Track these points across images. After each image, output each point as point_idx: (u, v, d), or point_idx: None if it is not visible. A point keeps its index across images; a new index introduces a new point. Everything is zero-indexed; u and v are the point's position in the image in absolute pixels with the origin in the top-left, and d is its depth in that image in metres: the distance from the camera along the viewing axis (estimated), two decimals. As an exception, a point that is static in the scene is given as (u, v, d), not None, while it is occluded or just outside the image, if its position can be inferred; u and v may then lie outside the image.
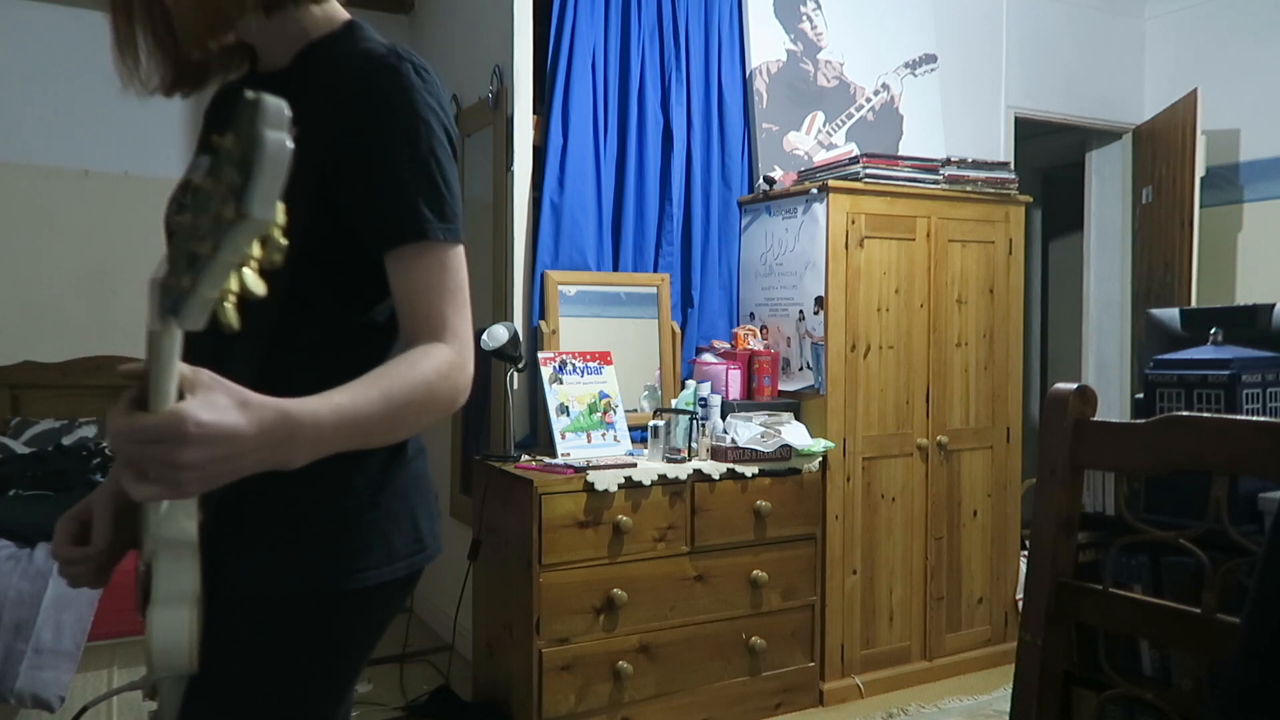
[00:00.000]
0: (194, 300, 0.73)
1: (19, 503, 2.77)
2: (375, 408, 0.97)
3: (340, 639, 1.13)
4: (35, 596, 2.46)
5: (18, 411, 3.55)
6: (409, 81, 1.06)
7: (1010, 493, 3.66)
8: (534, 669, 2.73)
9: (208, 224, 0.70)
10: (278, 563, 1.08)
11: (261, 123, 0.67)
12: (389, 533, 1.13)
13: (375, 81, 1.06)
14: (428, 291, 1.06)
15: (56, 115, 3.73)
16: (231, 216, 0.69)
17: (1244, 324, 1.85)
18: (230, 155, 0.69)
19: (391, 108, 1.05)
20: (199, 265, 0.72)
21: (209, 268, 0.71)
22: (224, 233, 0.70)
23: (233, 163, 0.69)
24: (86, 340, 3.74)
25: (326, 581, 1.09)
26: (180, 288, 0.73)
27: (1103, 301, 4.73)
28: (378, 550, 1.12)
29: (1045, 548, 1.35)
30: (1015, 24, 4.31)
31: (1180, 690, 1.37)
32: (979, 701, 3.26)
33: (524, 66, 3.25)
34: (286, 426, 0.88)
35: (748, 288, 3.56)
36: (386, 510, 1.13)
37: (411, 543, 1.16)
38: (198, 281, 0.72)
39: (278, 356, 1.07)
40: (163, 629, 0.97)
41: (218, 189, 0.70)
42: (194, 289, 0.72)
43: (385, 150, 1.05)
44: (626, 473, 2.83)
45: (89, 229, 3.78)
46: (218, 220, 0.70)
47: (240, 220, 0.69)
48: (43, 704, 2.44)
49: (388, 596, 1.15)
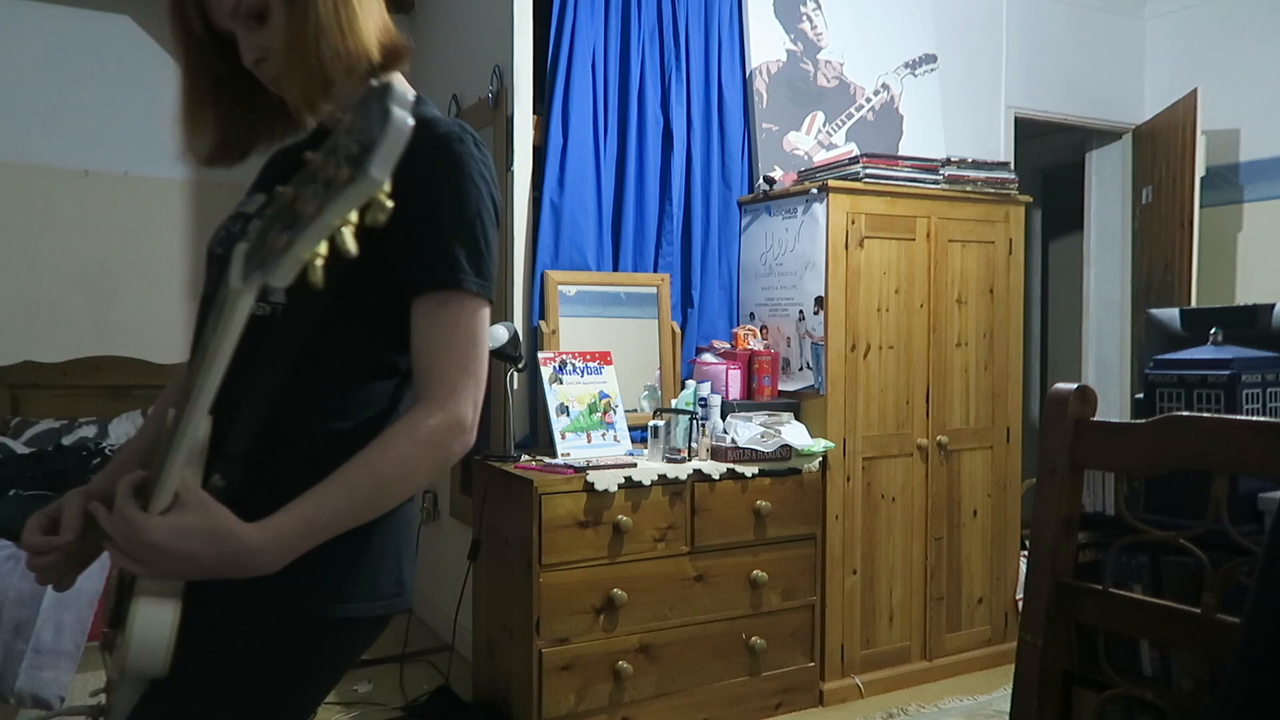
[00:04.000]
0: (288, 257, 0.75)
1: (19, 503, 2.77)
2: (340, 505, 1.04)
3: (310, 666, 1.16)
4: (35, 596, 2.46)
5: (18, 411, 3.55)
6: (469, 150, 1.14)
7: (1010, 493, 3.66)
8: (534, 669, 2.73)
9: (314, 190, 0.74)
10: (263, 582, 1.08)
11: (390, 100, 0.71)
12: (374, 571, 1.16)
13: (438, 146, 1.12)
14: (443, 345, 1.10)
15: (56, 115, 3.73)
16: (346, 178, 0.72)
17: (1244, 324, 1.84)
18: (351, 130, 0.73)
19: (448, 169, 1.12)
20: (299, 225, 0.74)
21: (310, 226, 0.74)
22: (335, 192, 0.73)
23: (352, 136, 0.73)
24: (86, 340, 3.75)
25: (309, 607, 1.11)
26: (273, 247, 0.76)
27: (1103, 301, 4.73)
28: (362, 585, 1.15)
29: (1045, 548, 1.35)
30: (1015, 24, 4.31)
31: (1180, 690, 1.37)
32: (979, 701, 3.26)
33: (524, 66, 3.25)
34: (246, 555, 0.99)
35: (748, 288, 3.56)
36: (376, 549, 1.16)
37: (393, 584, 1.19)
38: (295, 240, 0.75)
39: (300, 377, 1.11)
40: (145, 623, 0.98)
41: (330, 162, 0.74)
42: (290, 246, 0.75)
43: (437, 205, 1.11)
44: (626, 473, 2.83)
45: (89, 229, 3.79)
46: (329, 184, 0.73)
47: (355, 180, 0.72)
48: (42, 704, 2.44)
49: (360, 634, 1.18)
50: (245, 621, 1.10)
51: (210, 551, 0.98)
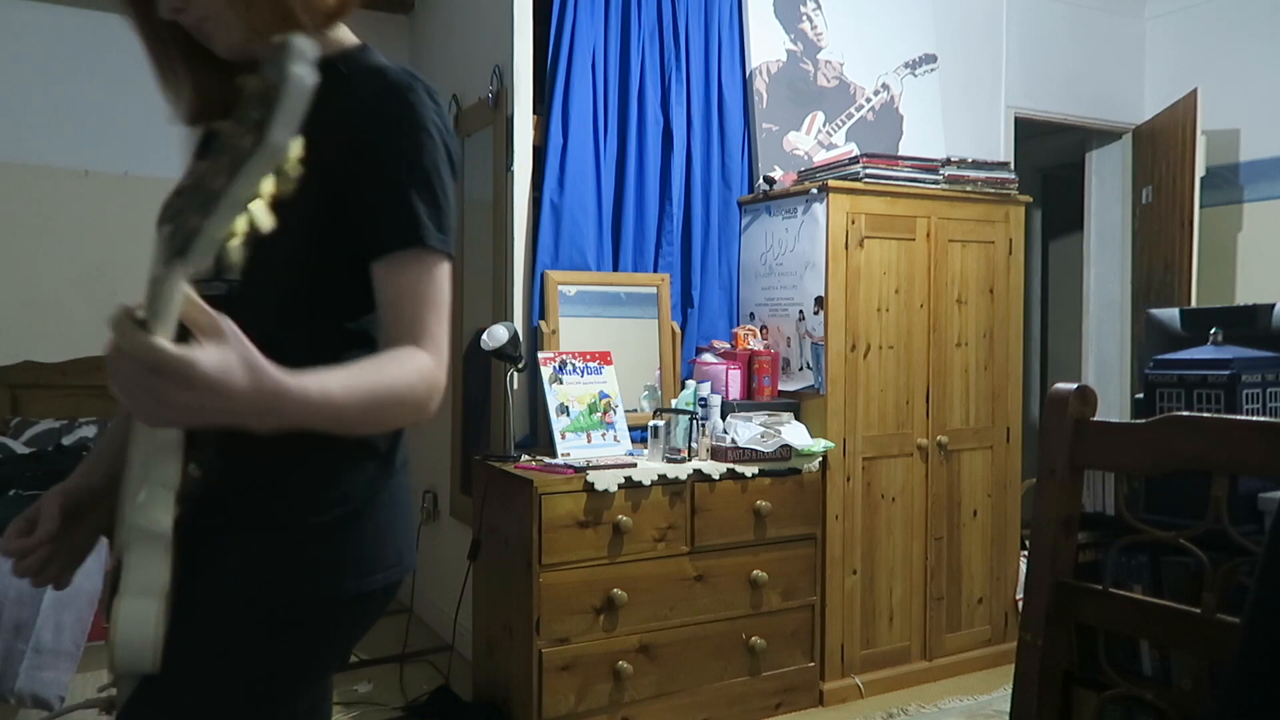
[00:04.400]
0: (202, 239, 0.72)
1: (19, 503, 2.77)
2: (358, 399, 0.99)
3: (314, 645, 1.14)
4: (35, 596, 2.46)
5: (18, 411, 3.55)
6: (419, 99, 1.10)
7: (1010, 493, 3.66)
8: (534, 669, 2.73)
9: (225, 163, 0.71)
10: (264, 565, 1.08)
11: (287, 59, 0.68)
12: (373, 544, 1.14)
13: (388, 96, 1.09)
14: (414, 299, 1.08)
15: (56, 115, 3.73)
16: (249, 147, 0.69)
17: (1244, 324, 1.85)
18: (255, 95, 0.70)
19: (401, 121, 1.09)
20: (210, 203, 0.71)
21: (221, 203, 0.71)
22: (240, 165, 0.70)
23: (256, 100, 0.69)
24: (86, 340, 3.74)
25: (310, 587, 1.10)
26: (189, 229, 0.73)
27: (1103, 301, 4.73)
28: (362, 560, 1.13)
29: (1045, 548, 1.35)
30: (1015, 24, 4.31)
31: (1180, 690, 1.37)
32: (979, 701, 3.26)
33: (524, 66, 3.25)
34: (278, 402, 0.90)
35: (748, 288, 3.56)
36: (373, 521, 1.14)
37: (392, 555, 1.17)
38: (208, 219, 0.72)
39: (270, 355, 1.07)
40: (129, 621, 0.95)
41: (238, 131, 0.70)
42: (202, 227, 0.72)
43: (393, 159, 1.09)
44: (626, 473, 2.83)
45: (89, 229, 3.78)
46: (235, 155, 0.70)
47: (257, 148, 0.69)
48: (42, 704, 2.44)
49: (365, 608, 1.15)
50: (245, 609, 1.08)
51: (246, 384, 0.86)
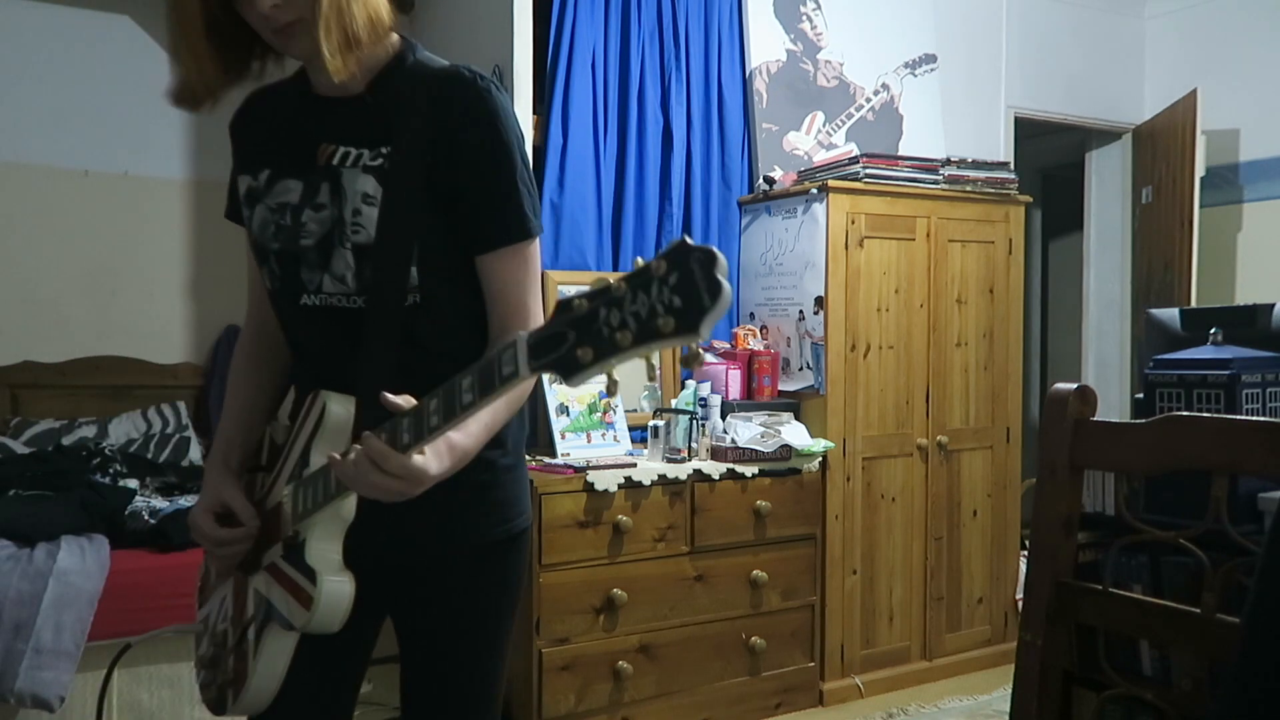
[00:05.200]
0: (590, 371, 0.88)
1: (19, 503, 2.77)
2: (502, 411, 1.22)
3: (519, 574, 1.40)
4: (35, 596, 2.46)
5: (18, 411, 3.55)
6: (500, 100, 1.25)
7: (1010, 493, 3.66)
8: (534, 669, 2.73)
9: (629, 320, 0.85)
10: (467, 518, 1.31)
11: (718, 271, 0.81)
12: (522, 490, 1.39)
13: (480, 100, 1.24)
14: (518, 285, 1.27)
15: (56, 115, 3.73)
16: (670, 330, 0.82)
17: (1244, 324, 1.85)
18: (666, 280, 0.83)
19: (495, 125, 1.24)
20: (610, 349, 0.86)
21: (623, 355, 0.86)
22: (654, 336, 0.83)
23: (668, 287, 0.83)
24: (86, 340, 3.74)
25: (502, 528, 1.34)
26: (572, 356, 0.88)
27: (1103, 301, 4.73)
28: (520, 503, 1.37)
29: (1045, 548, 1.35)
30: (1015, 24, 4.31)
31: (1180, 690, 1.37)
32: (979, 701, 3.26)
33: (524, 66, 3.25)
34: (462, 461, 1.17)
35: (748, 288, 3.56)
36: (519, 471, 1.38)
37: (528, 498, 1.41)
38: (605, 361, 0.87)
39: (414, 346, 1.25)
40: (332, 595, 1.16)
41: (644, 301, 0.84)
42: (595, 364, 0.87)
43: (496, 163, 1.24)
44: (626, 473, 2.83)
45: (89, 229, 3.78)
46: (647, 325, 0.84)
47: (681, 333, 0.82)
48: (42, 704, 2.44)
49: (526, 542, 1.40)
50: (468, 556, 1.32)
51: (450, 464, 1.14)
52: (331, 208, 1.24)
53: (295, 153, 1.29)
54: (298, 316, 1.31)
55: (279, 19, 1.17)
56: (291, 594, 1.19)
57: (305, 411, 1.26)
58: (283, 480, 1.27)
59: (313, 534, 1.19)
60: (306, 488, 1.20)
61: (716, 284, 0.81)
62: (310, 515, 1.18)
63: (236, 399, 1.42)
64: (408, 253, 1.22)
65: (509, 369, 0.94)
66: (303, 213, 1.26)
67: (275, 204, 1.28)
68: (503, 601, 1.38)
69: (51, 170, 3.73)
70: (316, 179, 1.26)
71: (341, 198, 1.23)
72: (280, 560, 1.24)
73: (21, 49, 3.68)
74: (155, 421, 3.56)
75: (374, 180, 1.22)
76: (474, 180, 1.23)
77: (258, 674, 1.24)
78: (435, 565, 1.33)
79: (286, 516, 1.23)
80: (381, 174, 1.22)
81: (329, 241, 1.25)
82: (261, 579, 1.28)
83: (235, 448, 1.37)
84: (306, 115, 1.30)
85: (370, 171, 1.23)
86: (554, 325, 0.90)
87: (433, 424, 1.02)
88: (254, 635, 1.26)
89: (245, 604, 1.31)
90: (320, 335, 1.30)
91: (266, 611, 1.25)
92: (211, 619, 1.41)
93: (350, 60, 1.17)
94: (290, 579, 1.20)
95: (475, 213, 1.24)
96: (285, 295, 1.31)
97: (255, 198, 1.31)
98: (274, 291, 1.33)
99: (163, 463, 3.31)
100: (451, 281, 1.27)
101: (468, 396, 0.98)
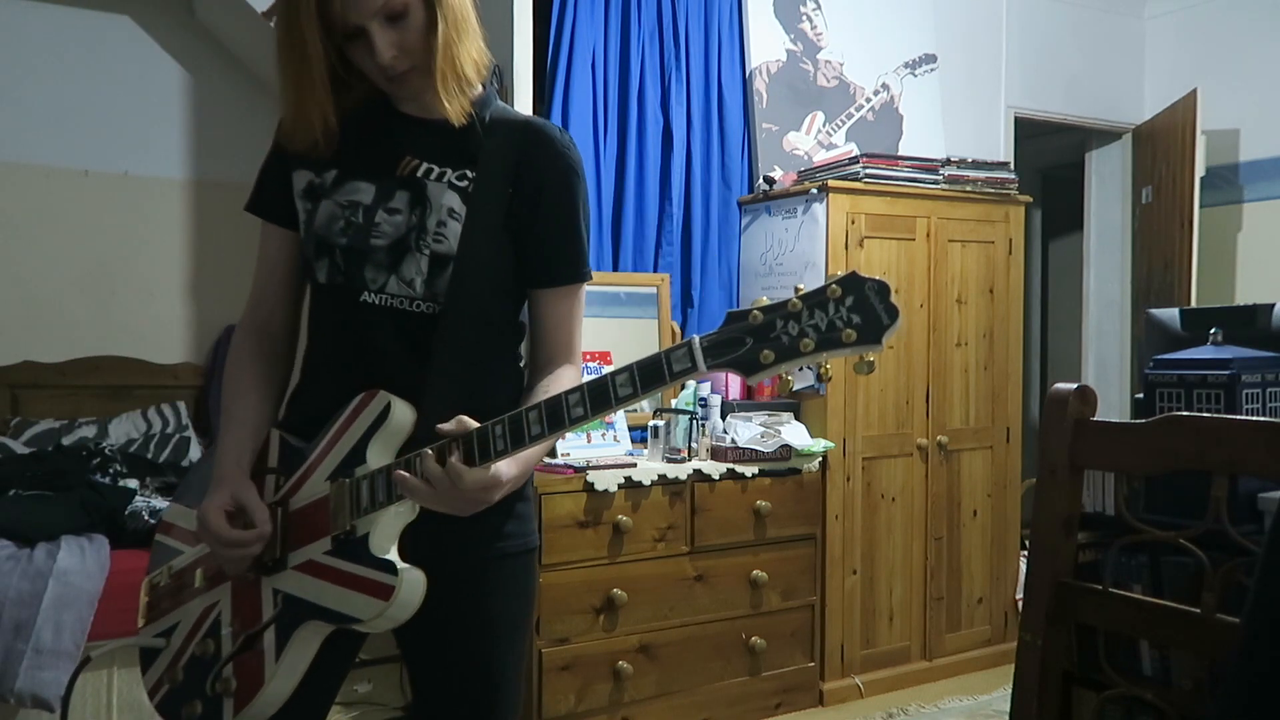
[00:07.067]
0: (770, 370, 1.03)
1: (19, 503, 2.76)
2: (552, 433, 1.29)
3: (535, 586, 1.52)
4: (35, 596, 2.46)
5: (18, 411, 3.55)
6: (579, 157, 1.39)
7: (1010, 493, 3.66)
8: (534, 669, 2.73)
9: (808, 331, 1.02)
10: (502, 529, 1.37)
11: (892, 299, 1.00)
12: (534, 508, 1.47)
13: (561, 154, 1.36)
14: (569, 322, 1.40)
15: (56, 115, 3.72)
16: (851, 341, 1.00)
17: (1244, 324, 1.85)
18: (842, 302, 1.01)
19: (572, 176, 1.37)
20: (791, 353, 1.02)
21: (803, 359, 1.02)
22: (835, 345, 1.01)
23: (845, 307, 1.01)
24: (86, 340, 3.74)
25: (526, 540, 1.41)
26: (758, 358, 1.02)
27: (1103, 301, 4.73)
28: (534, 520, 1.45)
29: (1045, 548, 1.35)
30: (1015, 24, 4.31)
31: (1180, 690, 1.37)
32: (979, 701, 3.26)
33: (524, 66, 3.25)
34: (528, 469, 1.27)
35: (748, 288, 3.56)
36: (532, 488, 1.45)
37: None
38: (786, 362, 1.02)
39: (482, 357, 1.35)
40: (414, 583, 1.19)
41: (822, 317, 1.01)
42: (776, 364, 1.02)
43: (568, 207, 1.36)
44: (626, 473, 2.83)
45: (89, 229, 3.78)
46: (828, 336, 1.01)
47: (861, 345, 1.01)
48: (42, 704, 2.44)
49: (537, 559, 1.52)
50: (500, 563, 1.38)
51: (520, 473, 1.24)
52: (409, 214, 1.31)
53: (372, 159, 1.35)
54: (355, 313, 1.33)
55: (397, 68, 1.26)
56: (353, 588, 1.20)
57: (355, 409, 1.27)
58: (316, 479, 1.28)
59: (376, 529, 1.21)
60: (364, 484, 1.22)
61: (893, 308, 1.00)
62: (372, 512, 1.21)
63: (243, 400, 1.39)
64: (486, 270, 1.32)
65: (682, 365, 1.05)
66: (376, 213, 1.32)
67: (345, 201, 1.33)
68: (525, 612, 1.44)
69: (51, 170, 3.73)
70: (392, 186, 1.33)
71: (425, 208, 1.31)
72: (327, 557, 1.24)
73: (21, 49, 3.68)
74: (155, 421, 3.56)
75: (459, 198, 1.32)
76: (547, 220, 1.35)
77: (279, 676, 1.23)
78: (464, 572, 1.35)
79: (336, 512, 1.24)
80: (466, 194, 1.32)
81: (403, 245, 1.31)
82: (290, 578, 1.27)
83: (246, 450, 1.35)
84: (391, 129, 1.36)
85: (455, 190, 1.32)
86: (729, 331, 1.04)
87: (534, 433, 1.12)
88: (274, 637, 1.25)
89: (259, 607, 1.28)
90: (378, 334, 1.32)
91: (296, 611, 1.24)
92: (183, 632, 1.35)
93: (464, 101, 1.30)
94: (349, 573, 1.21)
95: (542, 249, 1.36)
96: (344, 291, 1.33)
97: (319, 193, 1.34)
98: (330, 286, 1.34)
99: (163, 463, 3.31)
100: (509, 307, 1.40)
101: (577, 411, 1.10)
